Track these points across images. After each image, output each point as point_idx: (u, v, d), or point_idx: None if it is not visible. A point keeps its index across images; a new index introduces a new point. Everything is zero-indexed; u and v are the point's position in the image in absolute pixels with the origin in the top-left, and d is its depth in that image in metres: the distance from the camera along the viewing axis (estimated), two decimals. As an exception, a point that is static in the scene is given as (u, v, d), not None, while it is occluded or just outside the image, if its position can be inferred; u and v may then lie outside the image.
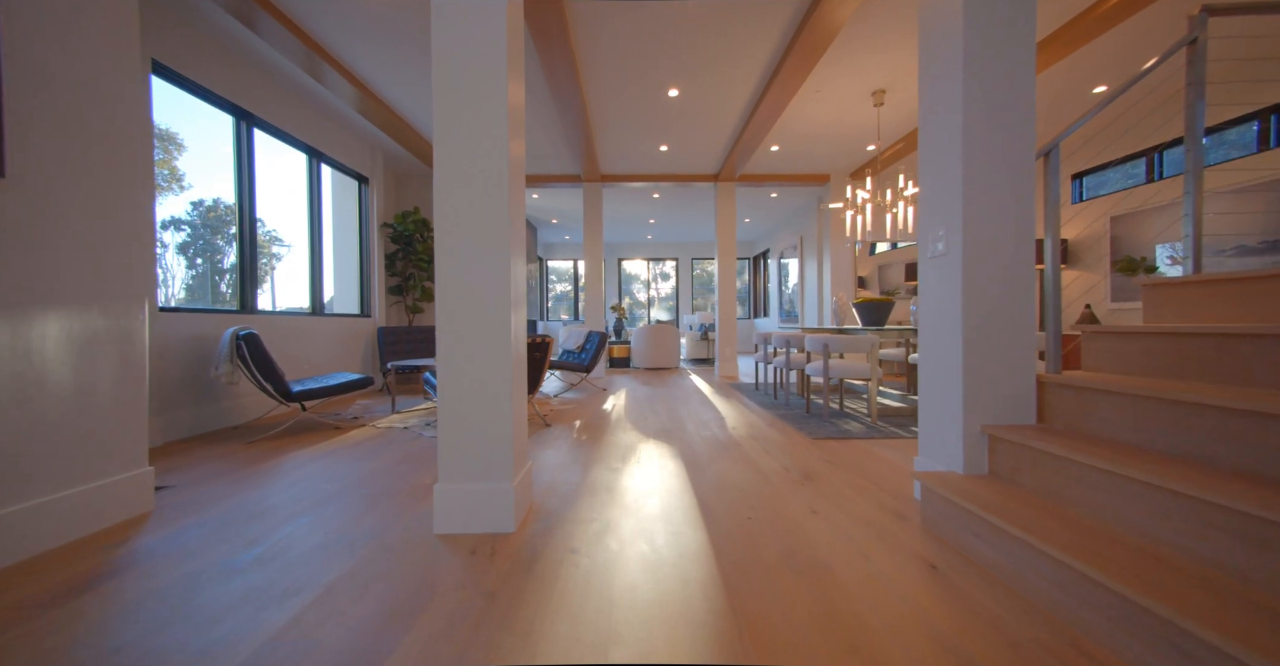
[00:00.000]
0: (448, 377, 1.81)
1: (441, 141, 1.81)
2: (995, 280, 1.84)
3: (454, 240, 1.82)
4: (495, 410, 1.82)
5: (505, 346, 1.82)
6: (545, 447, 3.09)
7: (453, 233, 1.82)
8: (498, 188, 1.81)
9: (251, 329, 3.36)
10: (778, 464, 2.69)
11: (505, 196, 1.82)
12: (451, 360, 1.81)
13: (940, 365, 1.98)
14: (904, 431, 3.44)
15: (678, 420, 3.96)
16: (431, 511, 1.99)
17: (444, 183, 1.82)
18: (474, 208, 1.82)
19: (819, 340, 3.84)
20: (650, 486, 2.33)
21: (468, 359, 1.81)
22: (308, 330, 4.70)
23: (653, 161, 6.71)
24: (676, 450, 3.01)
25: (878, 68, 4.25)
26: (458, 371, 1.81)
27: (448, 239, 1.82)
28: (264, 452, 3.01)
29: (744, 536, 1.76)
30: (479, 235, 1.82)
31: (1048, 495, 1.61)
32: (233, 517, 1.96)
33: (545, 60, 3.96)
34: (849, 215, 4.88)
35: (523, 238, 2.03)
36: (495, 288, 1.82)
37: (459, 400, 1.81)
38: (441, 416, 1.82)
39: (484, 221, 1.82)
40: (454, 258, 1.82)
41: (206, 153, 3.99)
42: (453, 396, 1.81)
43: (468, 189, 1.82)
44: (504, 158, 1.81)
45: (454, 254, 1.82)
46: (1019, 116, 1.83)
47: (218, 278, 4.35)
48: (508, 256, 1.83)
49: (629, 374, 7.76)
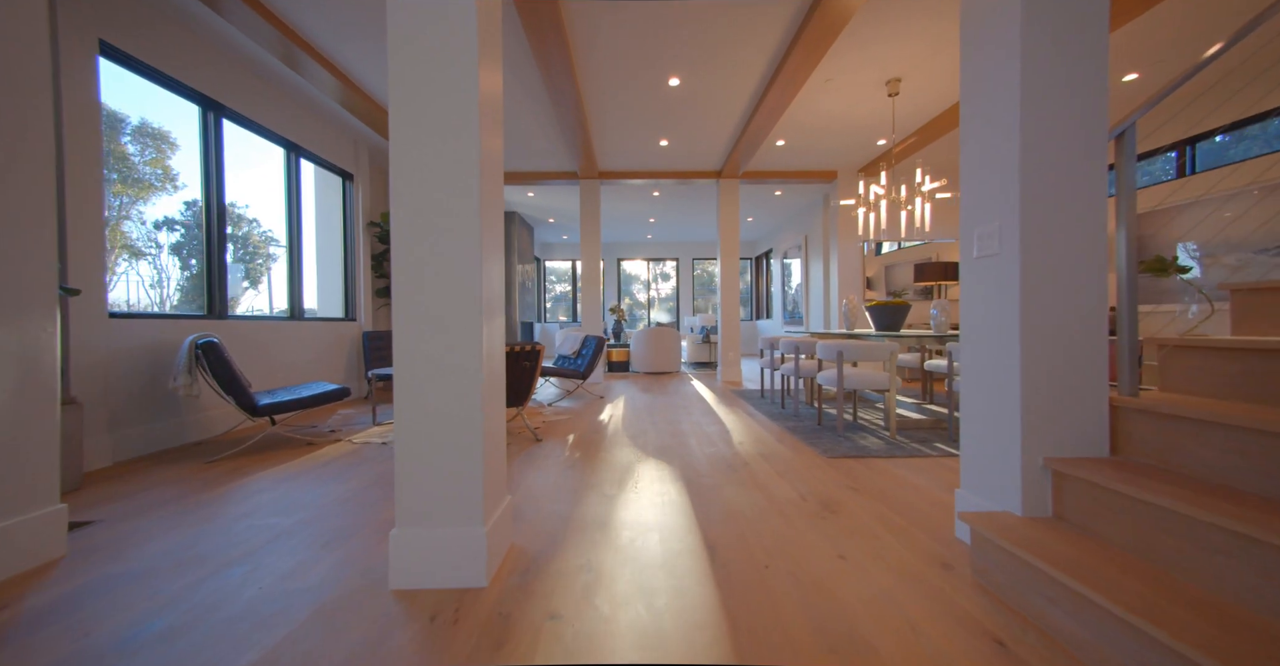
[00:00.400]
0: (405, 402, 1.51)
1: (399, 133, 1.52)
2: (1061, 284, 1.54)
3: (414, 245, 1.52)
4: (463, 440, 1.52)
5: (474, 363, 1.52)
6: (533, 468, 2.80)
7: (412, 237, 1.52)
8: (466, 186, 1.52)
9: (212, 337, 3.07)
10: (793, 490, 2.39)
11: (476, 197, 1.52)
12: (409, 380, 1.52)
13: (989, 384, 1.69)
14: (927, 448, 3.14)
15: (679, 434, 3.66)
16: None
17: (402, 180, 1.52)
18: (439, 209, 1.53)
19: (832, 347, 3.55)
20: (649, 520, 2.03)
21: (429, 378, 1.52)
22: (286, 336, 4.40)
23: (653, 157, 6.42)
24: (678, 472, 2.71)
25: (893, 55, 3.96)
26: (417, 394, 1.51)
27: (406, 243, 1.52)
28: (222, 474, 2.71)
29: (762, 594, 1.46)
30: (444, 238, 1.53)
31: (1139, 551, 1.31)
32: (156, 566, 1.66)
33: (537, 46, 3.66)
34: (861, 212, 4.59)
35: (499, 240, 1.73)
36: (463, 296, 1.53)
37: (419, 428, 1.52)
38: (398, 449, 1.52)
39: (450, 223, 1.53)
40: (413, 262, 1.52)
41: (192, 150, 3.76)
42: (411, 424, 1.52)
43: (430, 187, 1.52)
44: (474, 152, 1.52)
45: (413, 258, 1.52)
46: (1090, 89, 1.53)
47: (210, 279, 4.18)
48: (479, 260, 1.53)
49: (628, 378, 7.46)
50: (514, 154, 6.26)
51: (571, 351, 5.72)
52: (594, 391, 6.01)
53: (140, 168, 3.61)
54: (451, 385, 1.52)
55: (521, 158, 6.41)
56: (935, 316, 3.75)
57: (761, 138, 5.47)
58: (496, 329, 1.70)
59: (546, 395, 5.77)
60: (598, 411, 4.66)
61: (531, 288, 10.84)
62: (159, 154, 3.66)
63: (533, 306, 10.96)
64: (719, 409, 4.74)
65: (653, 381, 7.08)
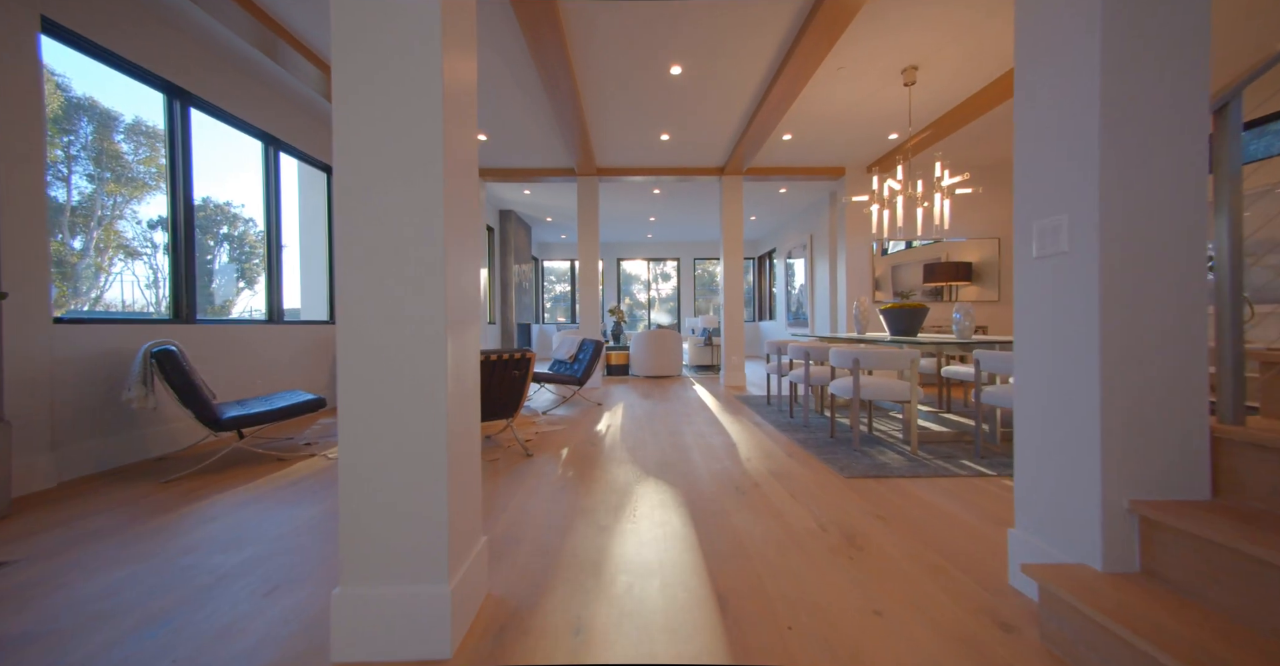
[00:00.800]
0: (351, 430, 1.24)
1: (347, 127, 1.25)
2: (1151, 287, 1.27)
3: (358, 239, 1.25)
4: (424, 477, 1.25)
5: (438, 380, 1.25)
6: (521, 489, 2.53)
7: (359, 242, 1.26)
8: (430, 185, 1.25)
9: (169, 344, 2.80)
10: (811, 518, 2.12)
11: (440, 199, 1.25)
12: (356, 402, 1.25)
13: (1054, 406, 1.42)
14: (953, 466, 2.87)
15: (681, 446, 3.39)
16: (344, 611, 1.42)
17: (349, 173, 1.25)
18: (394, 212, 1.26)
19: (848, 354, 3.28)
20: (649, 560, 1.76)
21: (380, 400, 1.25)
22: (263, 341, 4.13)
23: (653, 153, 6.15)
24: (681, 494, 2.44)
25: (910, 41, 3.69)
26: (364, 420, 1.25)
27: (349, 238, 1.26)
28: (176, 497, 2.44)
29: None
30: (397, 235, 1.26)
31: (1254, 623, 1.04)
32: (59, 624, 1.39)
33: (529, 33, 3.40)
34: (874, 209, 4.32)
35: (472, 240, 1.47)
36: (424, 303, 1.26)
37: (367, 464, 1.25)
38: (342, 489, 1.25)
39: (409, 225, 1.26)
40: (359, 261, 1.25)
41: (196, 149, 3.65)
42: (357, 458, 1.25)
43: (380, 181, 1.25)
44: (437, 147, 1.25)
45: (357, 256, 1.25)
46: (1190, 50, 1.26)
47: (206, 279, 4.16)
48: (441, 262, 1.26)
49: (628, 383, 7.19)
50: (508, 150, 5.99)
51: (568, 356, 5.46)
52: (592, 397, 5.74)
53: (134, 166, 3.50)
54: (409, 408, 1.25)
55: (516, 154, 6.14)
56: (958, 320, 3.48)
57: (768, 131, 5.20)
58: (469, 339, 1.44)
59: (541, 402, 5.50)
60: (595, 420, 4.39)
61: (529, 288, 10.58)
62: (153, 152, 3.54)
63: (530, 307, 10.69)
64: (723, 417, 4.47)
65: (653, 386, 6.81)
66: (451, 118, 1.30)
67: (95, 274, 3.38)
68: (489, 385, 3.03)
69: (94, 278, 3.38)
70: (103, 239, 3.38)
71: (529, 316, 10.52)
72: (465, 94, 1.42)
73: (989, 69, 4.05)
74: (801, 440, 3.53)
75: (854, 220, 6.63)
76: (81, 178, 3.21)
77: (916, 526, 2.04)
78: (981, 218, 6.85)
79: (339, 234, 1.26)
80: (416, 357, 1.25)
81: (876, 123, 5.19)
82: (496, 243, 8.88)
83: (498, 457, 3.15)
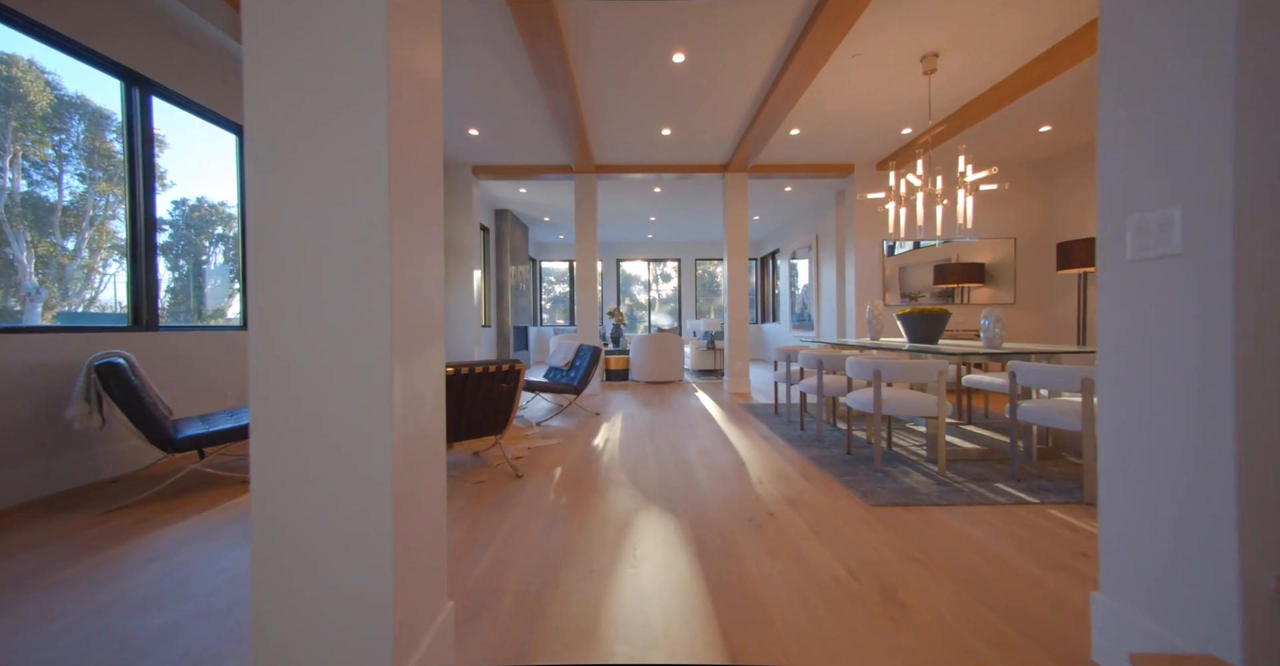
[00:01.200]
0: (263, 485, 0.96)
1: (256, 73, 0.96)
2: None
3: (275, 240, 0.97)
4: (358, 548, 0.97)
5: (377, 420, 0.97)
6: (506, 521, 2.24)
7: (275, 230, 0.97)
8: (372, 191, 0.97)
9: (116, 356, 2.51)
10: (838, 561, 1.83)
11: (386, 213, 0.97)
12: (268, 446, 0.96)
13: (1159, 450, 1.13)
14: (988, 490, 2.58)
15: (685, 465, 3.10)
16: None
17: (262, 133, 0.97)
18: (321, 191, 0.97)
19: (868, 365, 2.99)
20: (652, 622, 1.47)
21: (300, 444, 0.96)
22: (237, 348, 3.84)
23: (654, 149, 5.87)
24: (688, 527, 2.15)
25: (932, 23, 3.40)
26: (279, 471, 0.96)
27: (265, 235, 0.97)
28: (114, 531, 2.16)
29: None
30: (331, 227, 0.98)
31: None
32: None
33: (521, 18, 3.11)
34: (890, 207, 4.03)
35: (428, 246, 1.18)
36: (363, 312, 0.97)
37: (285, 528, 0.96)
38: (254, 560, 0.96)
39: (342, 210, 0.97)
40: (277, 258, 0.97)
41: (192, 150, 3.66)
42: (272, 520, 0.96)
43: (302, 151, 0.97)
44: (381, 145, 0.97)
45: (276, 254, 0.97)
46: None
47: (200, 280, 4.09)
48: (383, 260, 0.97)
49: (627, 388, 6.90)
50: (501, 145, 5.71)
51: (564, 362, 5.17)
52: (589, 406, 5.45)
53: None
54: (338, 455, 0.96)
55: (510, 149, 5.85)
56: (987, 327, 3.20)
57: (775, 125, 4.91)
58: (427, 361, 1.15)
59: (537, 411, 5.22)
60: (592, 433, 4.10)
61: (526, 290, 10.29)
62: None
63: (527, 309, 10.41)
64: (730, 430, 4.18)
65: (654, 393, 6.52)
66: (404, 110, 1.02)
67: (87, 275, 3.20)
68: (474, 401, 2.75)
69: (85, 278, 3.20)
70: (95, 239, 3.20)
71: (526, 319, 10.23)
72: (418, 89, 1.13)
73: (1016, 55, 3.77)
74: (816, 458, 3.24)
75: (864, 219, 6.34)
76: (73, 177, 3.10)
77: (963, 573, 1.75)
78: (995, 217, 6.56)
79: (250, 220, 0.97)
80: (350, 387, 0.96)
81: (890, 115, 4.90)
82: (492, 243, 8.60)
83: (484, 479, 2.86)
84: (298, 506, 0.97)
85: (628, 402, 5.70)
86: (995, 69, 3.97)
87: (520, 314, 9.69)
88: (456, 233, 6.41)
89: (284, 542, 0.96)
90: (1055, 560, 1.84)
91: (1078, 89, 4.29)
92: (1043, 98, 4.46)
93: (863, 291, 6.46)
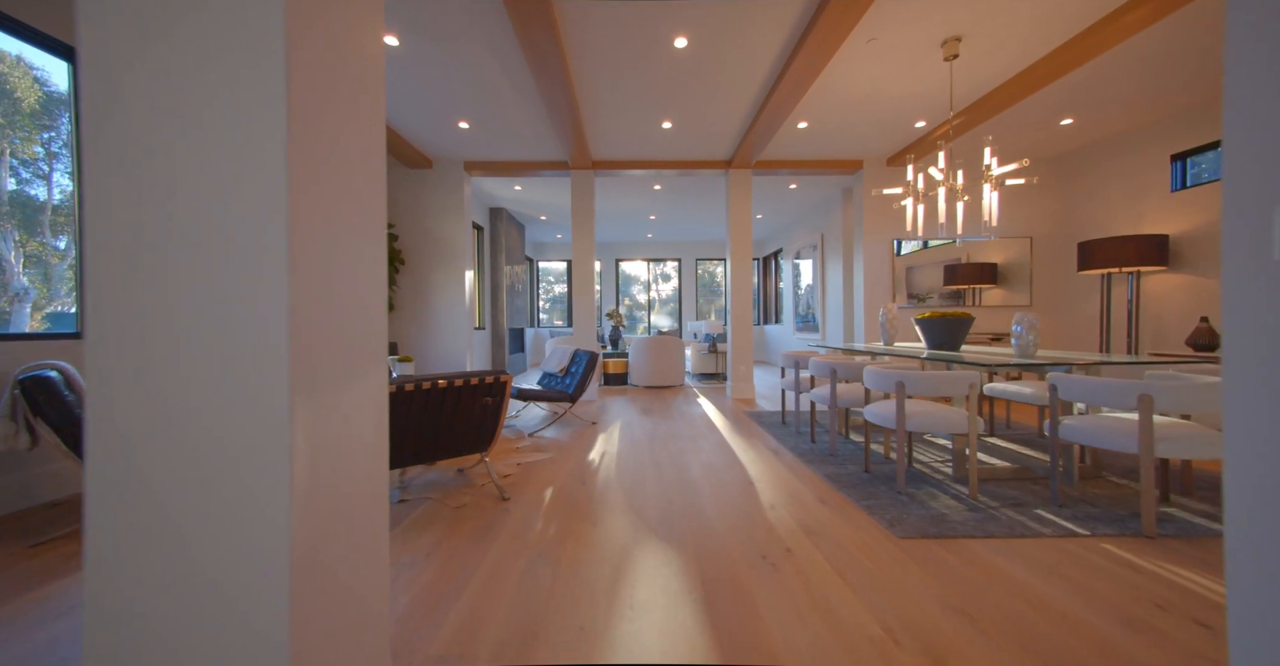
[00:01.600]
0: (101, 579, 0.68)
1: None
2: None
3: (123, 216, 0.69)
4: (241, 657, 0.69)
5: (274, 483, 0.69)
6: (486, 561, 1.96)
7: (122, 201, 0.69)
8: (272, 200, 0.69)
9: (49, 369, 2.23)
10: (871, 616, 1.55)
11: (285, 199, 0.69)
12: (104, 517, 0.68)
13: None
14: (1028, 518, 2.30)
15: (689, 484, 2.82)
16: None
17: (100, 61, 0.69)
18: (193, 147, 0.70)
19: (889, 376, 2.71)
20: (652, 707, 1.19)
21: (157, 506, 0.68)
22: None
23: (653, 144, 5.59)
24: (693, 566, 1.88)
25: (956, 2, 3.12)
26: (120, 546, 0.68)
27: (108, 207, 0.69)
28: (36, 570, 1.88)
29: None
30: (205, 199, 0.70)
31: None
32: None
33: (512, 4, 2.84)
34: (909, 203, 3.76)
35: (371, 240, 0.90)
36: (252, 328, 0.69)
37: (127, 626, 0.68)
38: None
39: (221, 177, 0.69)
40: (126, 243, 0.69)
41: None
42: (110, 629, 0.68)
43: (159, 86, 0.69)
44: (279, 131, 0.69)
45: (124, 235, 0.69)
46: None
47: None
48: (282, 256, 0.70)
49: (626, 394, 6.62)
50: (493, 139, 5.42)
51: (559, 368, 4.89)
52: (586, 414, 5.17)
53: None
54: (218, 540, 0.69)
55: (502, 144, 5.57)
56: (1019, 333, 2.92)
57: (782, 117, 4.63)
58: (356, 395, 0.87)
59: (530, 420, 4.94)
60: (587, 446, 3.82)
61: (522, 291, 10.01)
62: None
63: (524, 310, 10.13)
64: (735, 442, 3.90)
65: (654, 398, 6.24)
66: (308, 97, 0.74)
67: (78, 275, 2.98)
68: (454, 416, 2.47)
69: (77, 278, 2.98)
70: None
71: (522, 320, 9.95)
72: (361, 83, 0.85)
73: (1045, 39, 3.49)
74: (831, 476, 2.96)
75: (874, 217, 6.07)
76: (63, 175, 2.93)
77: (1020, 631, 1.47)
78: (1011, 215, 6.28)
79: (87, 186, 0.70)
80: (231, 432, 0.69)
81: (904, 107, 4.62)
82: (486, 243, 8.32)
83: (465, 502, 2.58)
84: (154, 596, 0.69)
85: (626, 410, 5.42)
86: (1021, 54, 3.69)
87: (516, 315, 9.41)
88: (448, 232, 6.13)
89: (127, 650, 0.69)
90: (1125, 614, 1.57)
91: (1105, 78, 4.01)
92: (1066, 87, 4.19)
93: (872, 293, 6.19)
